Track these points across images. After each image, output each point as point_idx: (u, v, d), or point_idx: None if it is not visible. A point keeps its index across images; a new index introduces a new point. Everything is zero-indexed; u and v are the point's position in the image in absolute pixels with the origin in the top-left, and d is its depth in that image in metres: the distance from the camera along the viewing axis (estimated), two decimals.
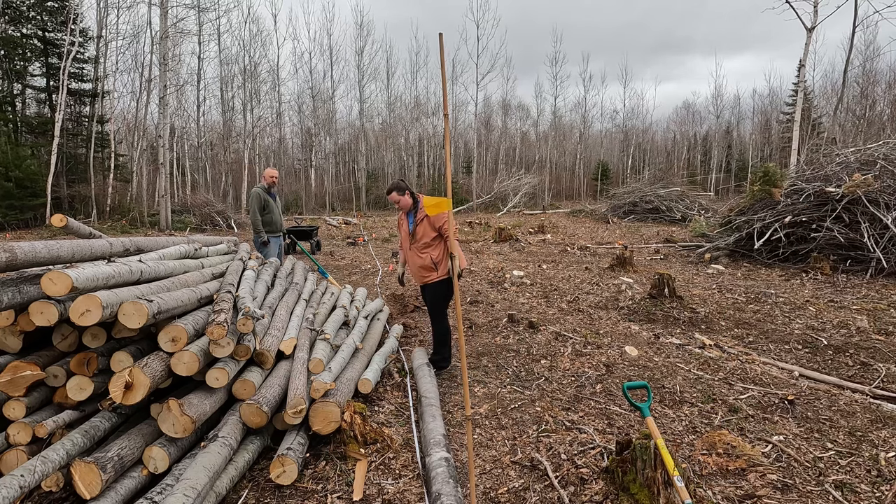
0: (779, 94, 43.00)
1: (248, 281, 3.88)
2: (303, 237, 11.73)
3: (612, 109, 64.12)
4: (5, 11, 21.01)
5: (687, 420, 3.48)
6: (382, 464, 2.96)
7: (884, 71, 32.70)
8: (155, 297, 2.78)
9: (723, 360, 4.59)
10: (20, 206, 18.00)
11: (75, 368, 2.75)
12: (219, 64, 31.15)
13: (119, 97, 26.42)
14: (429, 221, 4.21)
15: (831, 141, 17.09)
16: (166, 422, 2.61)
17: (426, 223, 4.22)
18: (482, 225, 18.32)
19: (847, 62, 18.62)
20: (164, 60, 19.48)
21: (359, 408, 3.19)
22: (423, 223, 4.23)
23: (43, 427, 2.59)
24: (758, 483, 2.72)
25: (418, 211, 4.28)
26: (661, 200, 19.73)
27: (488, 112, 43.41)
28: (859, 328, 5.40)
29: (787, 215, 9.37)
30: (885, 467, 2.84)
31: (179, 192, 27.55)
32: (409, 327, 5.74)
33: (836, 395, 3.83)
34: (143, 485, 2.56)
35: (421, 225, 4.23)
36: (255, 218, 6.61)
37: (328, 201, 32.72)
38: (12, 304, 2.45)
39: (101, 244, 3.22)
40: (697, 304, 6.50)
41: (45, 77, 22.64)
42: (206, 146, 32.74)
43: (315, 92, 34.27)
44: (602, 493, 2.58)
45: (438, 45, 2.26)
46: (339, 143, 39.90)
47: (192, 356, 2.74)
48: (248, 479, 2.83)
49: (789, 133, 29.05)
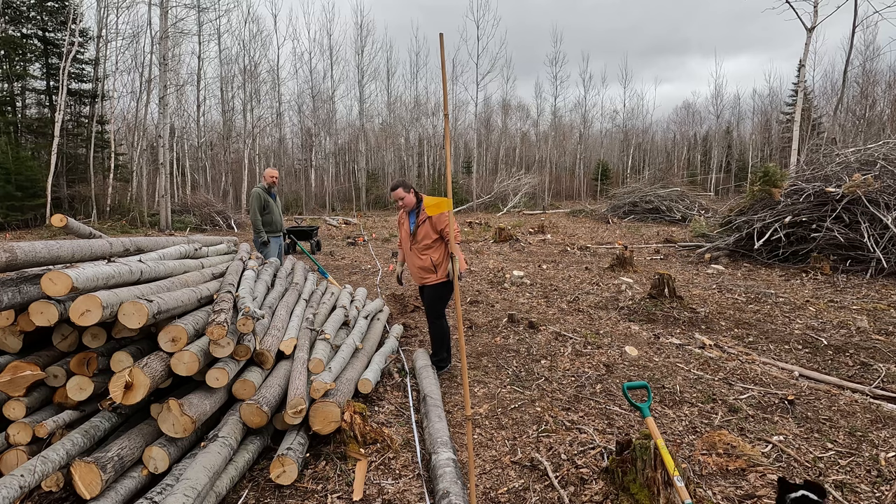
0: (779, 95, 43.05)
1: (248, 281, 3.88)
2: (303, 237, 11.73)
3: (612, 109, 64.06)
4: (5, 11, 21.00)
5: (687, 420, 3.48)
6: (382, 464, 2.96)
7: (884, 71, 32.75)
8: (155, 297, 2.78)
9: (723, 360, 4.59)
10: (20, 206, 18.01)
11: (75, 368, 2.75)
12: (219, 64, 31.17)
13: (119, 97, 26.40)
14: (431, 223, 4.14)
15: (831, 141, 17.09)
16: (166, 422, 2.61)
17: (428, 224, 4.15)
18: (482, 225, 18.32)
19: (847, 62, 18.61)
20: (164, 60, 19.48)
21: (359, 408, 3.19)
22: (424, 224, 4.16)
23: (43, 427, 2.59)
24: (758, 483, 2.72)
25: (420, 211, 4.21)
26: (661, 200, 19.73)
27: (488, 112, 43.41)
28: (859, 328, 5.40)
29: (787, 215, 9.37)
30: (885, 467, 2.84)
31: (179, 192, 27.56)
32: (409, 327, 5.74)
33: (836, 395, 3.83)
34: (143, 485, 2.56)
35: (423, 226, 4.17)
36: (256, 218, 6.62)
37: (328, 201, 32.73)
38: (12, 304, 2.45)
39: (101, 244, 3.22)
40: (697, 304, 6.50)
41: (45, 77, 22.63)
42: (206, 146, 32.73)
43: (315, 92, 34.29)
44: (602, 494, 2.58)
45: (439, 45, 2.27)
46: (339, 143, 39.89)
47: (192, 356, 2.74)
48: (248, 479, 2.83)
49: (789, 133, 29.07)
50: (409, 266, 4.39)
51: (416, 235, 4.21)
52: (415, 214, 4.26)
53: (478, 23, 43.12)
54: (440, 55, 2.24)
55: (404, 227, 4.39)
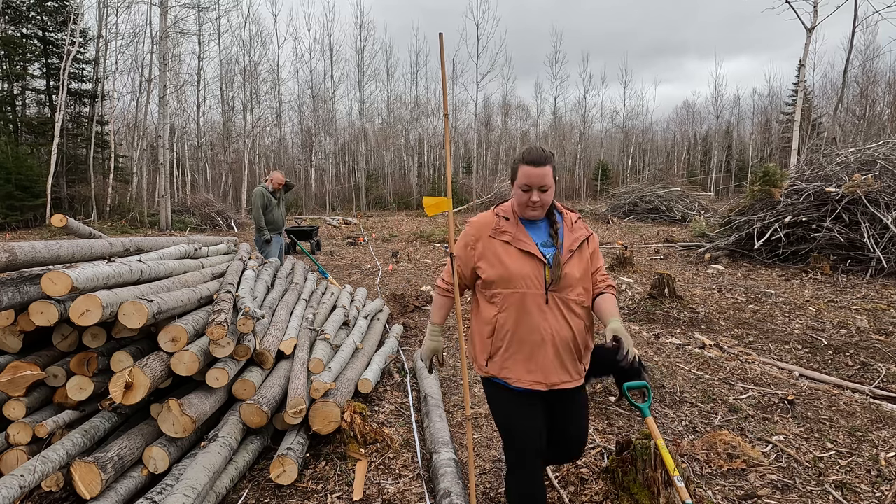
0: (779, 95, 43.04)
1: (248, 281, 3.88)
2: (303, 237, 11.73)
3: (611, 109, 64.06)
4: (5, 11, 21.00)
5: (687, 420, 3.48)
6: (382, 464, 2.96)
7: (884, 71, 32.75)
8: (155, 297, 2.78)
9: (723, 360, 4.59)
10: (20, 206, 18.01)
11: (75, 368, 2.75)
12: (219, 64, 31.19)
13: (119, 97, 26.42)
14: (588, 245, 2.04)
15: (831, 141, 17.08)
16: (166, 422, 2.61)
17: (587, 248, 2.02)
18: None
19: (847, 62, 18.62)
20: (164, 60, 19.48)
21: (359, 408, 3.19)
22: (583, 247, 2.01)
23: (43, 427, 2.59)
24: (758, 483, 2.72)
25: (563, 221, 2.03)
26: (661, 200, 19.73)
27: (488, 112, 43.41)
28: (859, 328, 5.40)
29: (787, 215, 9.37)
30: (885, 467, 2.84)
31: (179, 192, 27.56)
32: (409, 327, 5.74)
33: (836, 395, 3.83)
34: (143, 485, 2.56)
35: (582, 251, 1.99)
36: (259, 216, 6.65)
37: (328, 201, 32.73)
38: (12, 304, 2.45)
39: (101, 244, 3.22)
40: (697, 304, 6.50)
41: (45, 77, 22.64)
42: (206, 146, 32.75)
43: (315, 92, 34.30)
44: (602, 493, 2.58)
45: (439, 45, 2.27)
46: (339, 143, 39.91)
47: (192, 356, 2.74)
48: (248, 479, 2.83)
49: (789, 133, 29.05)
50: (525, 341, 1.93)
51: (566, 268, 1.92)
52: (548, 226, 2.01)
53: (477, 23, 43.13)
54: (440, 55, 2.24)
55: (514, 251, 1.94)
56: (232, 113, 31.85)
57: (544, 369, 1.93)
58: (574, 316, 1.94)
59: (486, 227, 2.03)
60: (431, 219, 22.01)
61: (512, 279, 1.92)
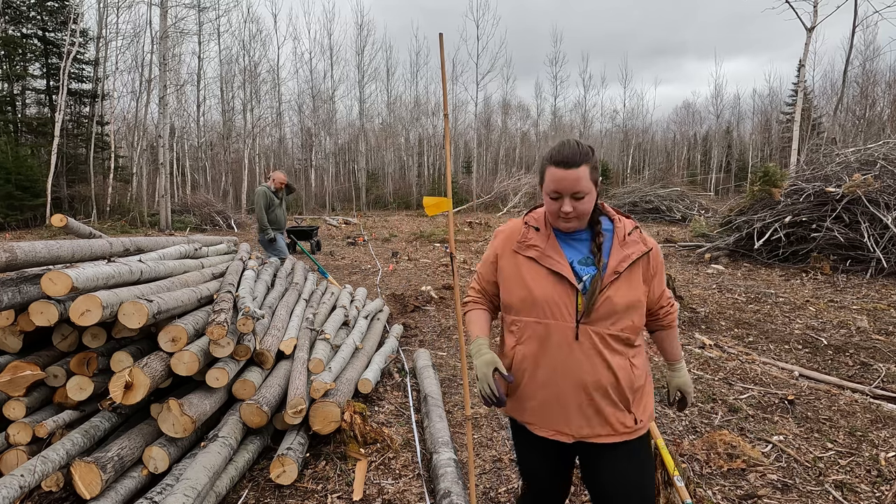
0: (779, 95, 43.09)
1: (248, 281, 3.88)
2: (303, 237, 11.74)
3: (612, 109, 64.05)
4: (5, 11, 21.01)
5: (687, 420, 3.48)
6: (382, 464, 2.96)
7: (884, 71, 32.80)
8: (155, 297, 2.78)
9: (723, 359, 4.59)
10: (20, 206, 18.02)
11: (75, 368, 2.75)
12: (219, 64, 31.22)
13: (119, 97, 26.43)
14: (648, 264, 1.58)
15: (831, 141, 17.08)
16: (166, 422, 2.61)
17: (642, 267, 1.57)
18: (482, 225, 18.32)
19: (847, 62, 18.62)
20: (164, 60, 19.48)
21: (359, 408, 3.19)
22: (636, 266, 1.55)
23: (43, 427, 2.59)
24: (758, 483, 2.72)
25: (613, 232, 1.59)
26: (661, 200, 19.73)
27: (488, 112, 43.42)
28: (859, 328, 5.40)
29: (787, 215, 9.37)
30: (885, 467, 2.84)
31: (179, 192, 27.57)
32: (409, 327, 5.74)
33: (836, 395, 3.83)
34: (143, 485, 2.56)
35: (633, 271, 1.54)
36: (262, 215, 6.65)
37: (328, 201, 32.74)
38: (12, 304, 2.45)
39: (101, 244, 3.22)
40: (697, 303, 6.49)
41: (45, 77, 22.64)
42: (206, 146, 32.76)
43: (315, 92, 34.32)
44: None
45: (439, 45, 2.27)
46: (339, 143, 39.93)
47: (192, 356, 2.74)
48: (248, 479, 2.83)
49: (789, 133, 29.06)
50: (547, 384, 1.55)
51: (608, 294, 1.50)
52: (591, 237, 1.59)
53: (477, 23, 43.18)
54: (440, 55, 2.24)
55: (541, 271, 1.55)
56: (232, 113, 31.89)
57: (567, 419, 1.53)
58: (615, 354, 1.50)
59: (510, 240, 1.64)
60: (431, 219, 22.02)
61: (535, 305, 1.53)
